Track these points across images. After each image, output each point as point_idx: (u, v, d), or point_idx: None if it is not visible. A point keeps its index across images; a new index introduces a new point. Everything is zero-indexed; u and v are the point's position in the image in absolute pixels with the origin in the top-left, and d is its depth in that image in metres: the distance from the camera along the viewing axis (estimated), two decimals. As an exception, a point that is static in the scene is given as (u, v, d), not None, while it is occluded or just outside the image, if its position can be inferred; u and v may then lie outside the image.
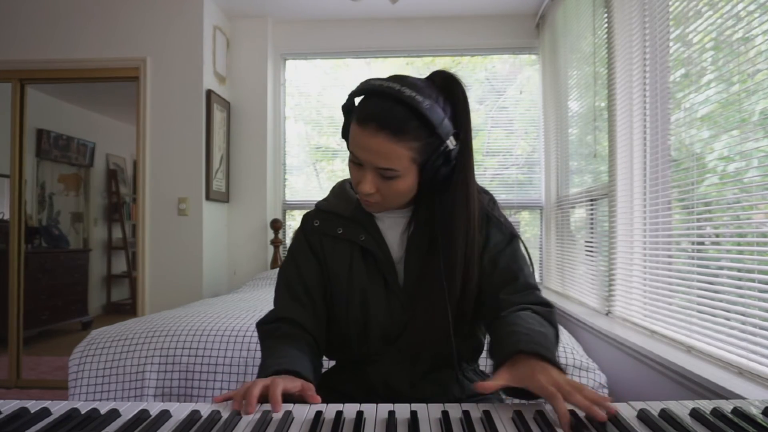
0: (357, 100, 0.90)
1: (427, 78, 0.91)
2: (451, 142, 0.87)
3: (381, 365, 0.96)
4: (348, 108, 0.92)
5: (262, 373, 0.84)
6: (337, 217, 1.00)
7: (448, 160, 0.87)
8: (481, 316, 0.97)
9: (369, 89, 0.87)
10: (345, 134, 0.94)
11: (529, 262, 1.00)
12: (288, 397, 0.75)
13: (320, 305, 0.99)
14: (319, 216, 1.03)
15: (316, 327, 0.97)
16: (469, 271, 0.93)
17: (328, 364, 1.06)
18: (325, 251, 1.00)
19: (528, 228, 3.60)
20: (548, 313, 0.91)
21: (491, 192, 1.04)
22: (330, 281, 0.99)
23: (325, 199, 1.06)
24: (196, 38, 3.17)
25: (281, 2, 3.38)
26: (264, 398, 0.74)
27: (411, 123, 0.83)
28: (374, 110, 0.84)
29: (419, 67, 3.66)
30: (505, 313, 0.89)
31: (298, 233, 1.05)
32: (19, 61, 3.19)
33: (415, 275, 0.95)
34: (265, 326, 0.98)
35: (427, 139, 0.85)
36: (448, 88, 0.89)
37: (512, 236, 0.99)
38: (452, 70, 0.91)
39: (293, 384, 0.77)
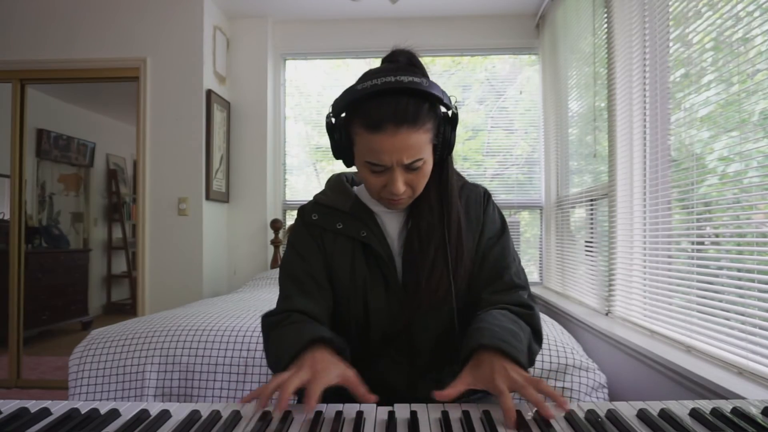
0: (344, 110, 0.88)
1: (391, 60, 0.90)
2: (455, 108, 0.88)
3: (379, 364, 0.95)
4: (333, 125, 0.89)
5: (287, 354, 0.78)
6: (336, 211, 0.98)
7: (455, 124, 0.89)
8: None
9: (365, 94, 0.82)
10: (340, 151, 0.91)
11: (517, 255, 1.00)
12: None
13: (329, 298, 0.96)
14: (317, 210, 1.00)
15: (328, 321, 0.95)
16: (464, 250, 0.93)
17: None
18: (326, 246, 0.97)
19: (528, 228, 3.59)
20: (527, 315, 0.90)
21: (490, 191, 1.04)
22: (332, 277, 0.97)
23: (322, 193, 1.03)
24: (196, 38, 3.17)
25: (281, 2, 3.38)
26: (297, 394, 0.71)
27: (423, 107, 0.83)
28: (384, 111, 0.81)
29: (419, 67, 3.65)
30: (480, 312, 0.89)
31: (298, 225, 1.01)
32: (18, 61, 3.19)
33: (414, 271, 0.94)
34: (272, 317, 0.93)
35: (438, 115, 0.87)
36: (415, 63, 0.90)
37: (504, 226, 1.00)
38: (452, 70, 0.91)
39: (329, 378, 0.73)
